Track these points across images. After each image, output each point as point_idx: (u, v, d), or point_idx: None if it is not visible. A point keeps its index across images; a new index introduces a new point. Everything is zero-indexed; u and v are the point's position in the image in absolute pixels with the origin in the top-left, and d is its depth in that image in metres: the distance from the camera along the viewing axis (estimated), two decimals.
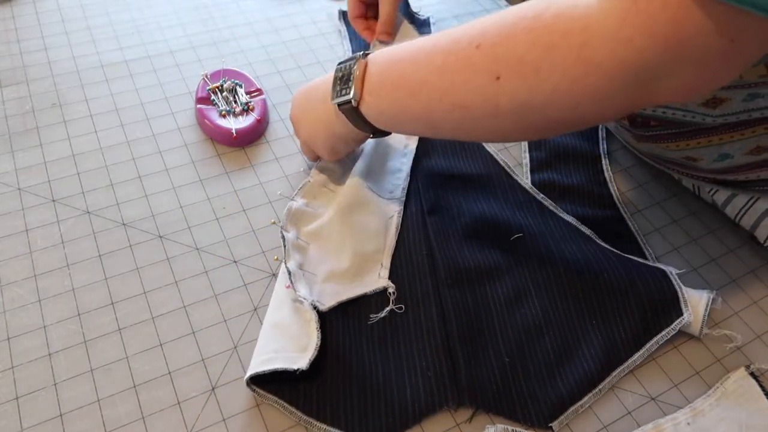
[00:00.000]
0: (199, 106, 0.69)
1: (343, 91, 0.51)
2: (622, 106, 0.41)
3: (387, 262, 0.58)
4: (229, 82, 0.71)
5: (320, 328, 0.51)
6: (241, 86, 0.71)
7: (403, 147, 0.68)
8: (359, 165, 0.63)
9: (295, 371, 0.47)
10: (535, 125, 0.44)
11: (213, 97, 0.70)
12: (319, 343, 0.50)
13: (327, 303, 0.54)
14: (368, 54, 0.53)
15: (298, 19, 0.86)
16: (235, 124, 0.68)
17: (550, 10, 0.39)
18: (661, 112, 0.54)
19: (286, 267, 0.54)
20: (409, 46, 0.49)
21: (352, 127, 0.54)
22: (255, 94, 0.72)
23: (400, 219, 0.61)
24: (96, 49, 0.79)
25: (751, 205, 0.59)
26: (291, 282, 0.53)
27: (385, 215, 0.61)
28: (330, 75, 0.54)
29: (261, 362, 0.48)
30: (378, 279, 0.56)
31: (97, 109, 0.71)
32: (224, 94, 0.70)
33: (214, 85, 0.71)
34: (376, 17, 0.78)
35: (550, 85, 0.40)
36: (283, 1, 0.89)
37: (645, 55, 0.37)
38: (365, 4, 0.78)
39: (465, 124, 0.46)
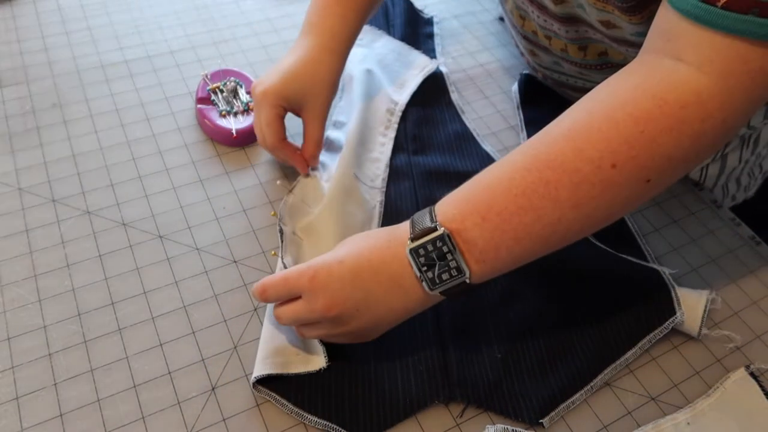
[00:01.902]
0: (199, 106, 0.69)
1: (445, 275, 0.44)
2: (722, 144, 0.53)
3: None
4: (230, 82, 0.71)
5: None
6: (241, 86, 0.71)
7: (381, 136, 0.69)
8: (346, 150, 0.65)
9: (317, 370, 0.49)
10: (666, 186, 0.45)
11: (213, 97, 0.70)
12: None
13: None
14: (437, 219, 0.45)
15: (298, 19, 0.86)
16: (236, 124, 0.68)
17: (670, 100, 0.41)
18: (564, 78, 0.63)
19: (283, 263, 0.55)
20: (501, 189, 0.44)
21: (433, 301, 0.47)
22: None
23: (382, 209, 0.62)
24: (96, 49, 0.79)
25: None
26: None
27: (369, 204, 0.62)
28: (375, 252, 0.46)
29: (278, 364, 0.49)
30: None
31: (97, 109, 0.71)
32: (225, 94, 0.70)
33: (215, 85, 0.71)
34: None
35: (688, 165, 0.44)
36: (283, 1, 0.89)
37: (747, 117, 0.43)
38: (283, 122, 0.61)
39: (600, 220, 0.45)
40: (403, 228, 0.46)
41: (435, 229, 0.44)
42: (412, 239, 0.44)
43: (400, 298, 0.46)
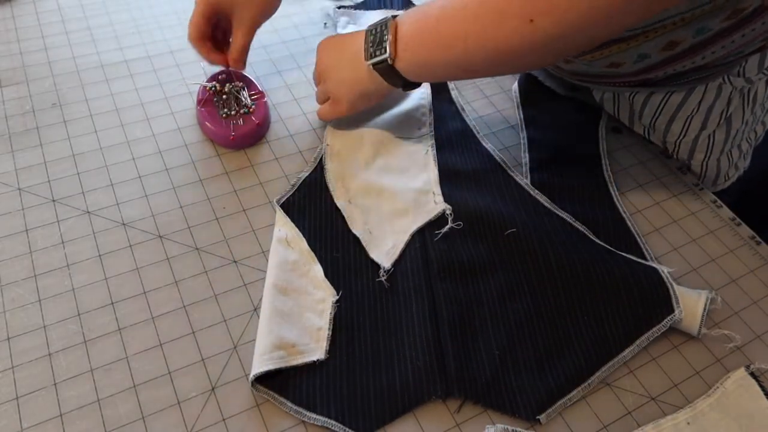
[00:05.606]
0: (200, 107, 0.69)
1: (377, 52, 0.57)
2: (628, 21, 0.49)
3: (438, 189, 0.62)
4: (233, 84, 0.71)
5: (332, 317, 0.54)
6: (244, 89, 0.71)
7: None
8: (379, 118, 0.69)
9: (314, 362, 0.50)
10: (558, 51, 0.52)
11: (216, 98, 0.70)
12: (330, 334, 0.52)
13: (395, 242, 0.59)
14: (396, 17, 0.58)
15: (298, 19, 0.86)
16: (236, 127, 0.67)
17: None
18: None
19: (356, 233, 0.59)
20: (436, 3, 0.55)
21: (381, 83, 0.60)
22: (256, 96, 0.72)
23: (435, 151, 0.67)
24: (96, 49, 0.79)
25: (667, 100, 0.66)
26: (366, 247, 0.58)
27: (421, 152, 0.66)
28: (358, 33, 0.61)
29: (276, 358, 0.49)
30: (435, 205, 0.61)
31: (97, 109, 0.71)
32: (226, 96, 0.70)
33: (219, 87, 0.71)
34: (224, 38, 0.71)
35: (575, 15, 0.46)
36: (283, 1, 0.89)
37: None
38: (210, 23, 0.68)
39: (501, 62, 0.54)
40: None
41: (384, 21, 0.58)
42: (370, 27, 0.59)
43: (353, 68, 0.61)
